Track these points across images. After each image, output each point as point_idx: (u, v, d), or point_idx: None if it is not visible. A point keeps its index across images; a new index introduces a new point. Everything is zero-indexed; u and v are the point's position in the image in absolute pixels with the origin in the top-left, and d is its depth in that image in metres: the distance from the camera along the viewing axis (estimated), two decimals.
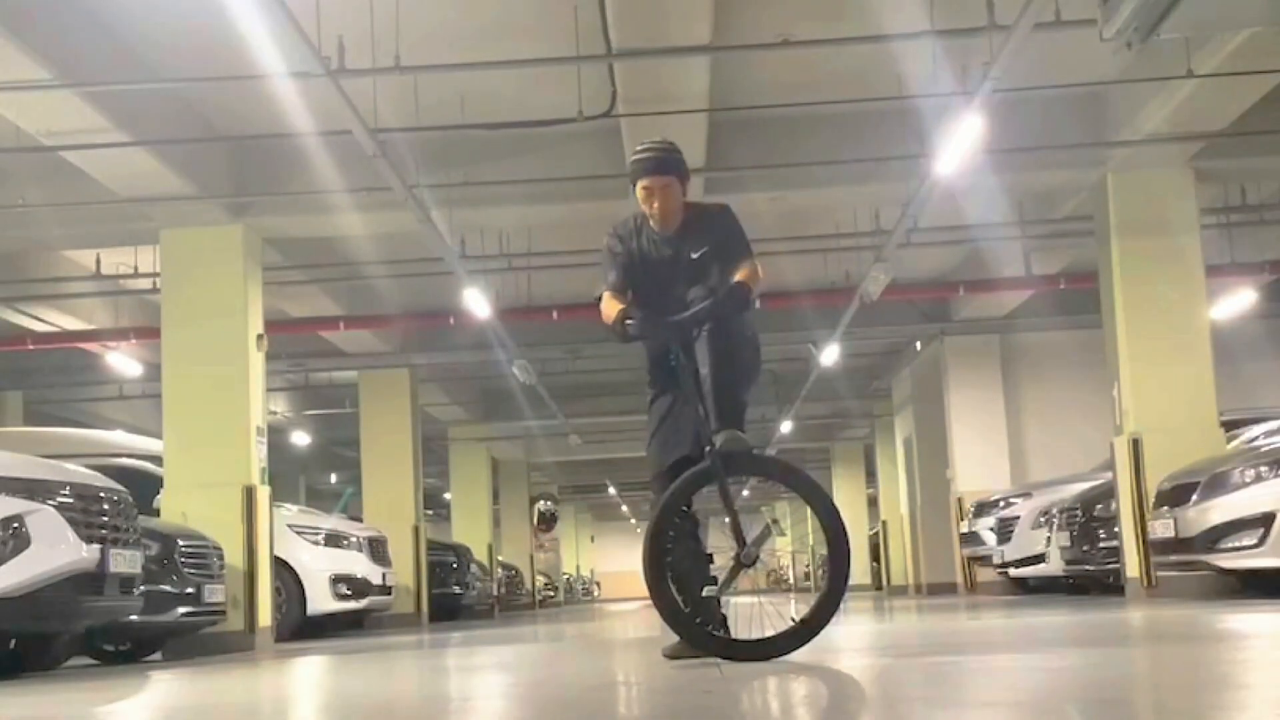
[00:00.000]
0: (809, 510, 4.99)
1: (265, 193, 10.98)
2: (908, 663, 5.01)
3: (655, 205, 5.28)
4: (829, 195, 11.65)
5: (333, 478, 32.22)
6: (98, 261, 13.56)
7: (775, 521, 5.18)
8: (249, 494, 10.60)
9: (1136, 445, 10.60)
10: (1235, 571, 8.69)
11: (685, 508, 5.12)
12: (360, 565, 12.79)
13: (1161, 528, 9.17)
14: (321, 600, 12.19)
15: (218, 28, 7.90)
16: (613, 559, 52.20)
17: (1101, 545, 11.42)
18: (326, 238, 12.69)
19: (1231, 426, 11.18)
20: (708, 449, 4.94)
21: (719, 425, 4.96)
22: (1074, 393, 15.97)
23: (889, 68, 9.55)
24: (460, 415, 22.85)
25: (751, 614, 5.15)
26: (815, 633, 4.88)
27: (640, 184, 5.32)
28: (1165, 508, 9.19)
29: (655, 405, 5.39)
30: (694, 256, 5.29)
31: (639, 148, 5.43)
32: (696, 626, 4.87)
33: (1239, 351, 13.97)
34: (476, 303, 12.55)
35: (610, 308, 5.22)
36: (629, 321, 5.09)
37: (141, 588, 7.74)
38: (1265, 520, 8.23)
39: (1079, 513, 11.92)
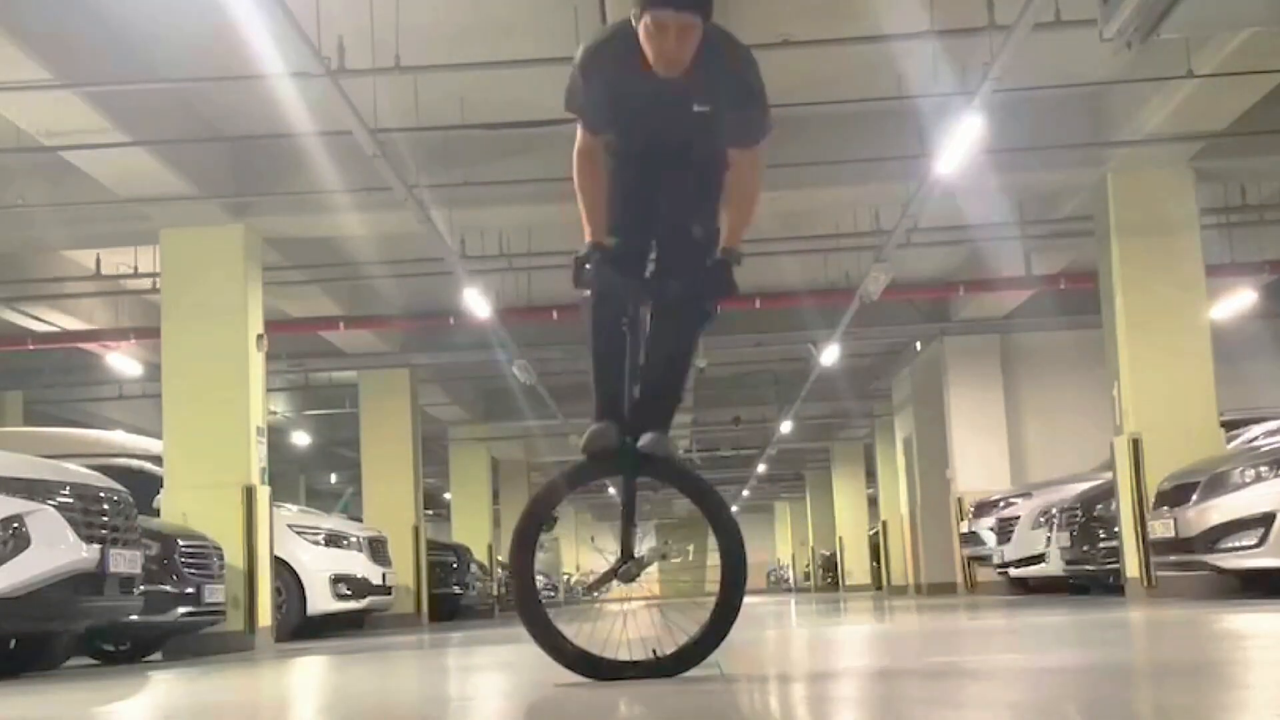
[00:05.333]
0: (712, 529, 4.39)
1: (265, 193, 10.98)
2: (907, 663, 5.01)
3: (666, 50, 3.98)
4: (829, 195, 11.65)
5: (333, 478, 32.21)
6: (98, 261, 13.56)
7: (667, 544, 4.61)
8: (249, 494, 10.60)
9: (1136, 445, 10.60)
10: (1235, 571, 8.69)
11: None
12: (360, 565, 12.79)
13: (1161, 528, 9.17)
14: (321, 600, 12.19)
15: (218, 28, 7.90)
16: (612, 559, 52.12)
17: (1101, 545, 11.42)
18: (326, 238, 12.69)
19: (1231, 426, 11.18)
20: (629, 441, 4.34)
21: (649, 423, 4.35)
22: (1074, 393, 15.97)
23: (889, 68, 9.55)
24: (460, 415, 22.85)
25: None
26: (701, 657, 4.34)
27: (649, 15, 3.94)
28: (1165, 508, 9.19)
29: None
30: (697, 109, 4.15)
31: None
32: (562, 640, 4.32)
33: (1239, 351, 13.97)
34: (476, 303, 12.55)
35: (587, 161, 4.30)
36: (588, 266, 4.25)
37: (141, 588, 7.74)
38: (1265, 520, 8.23)
39: (1079, 513, 11.92)
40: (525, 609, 4.33)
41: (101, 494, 7.29)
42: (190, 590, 8.90)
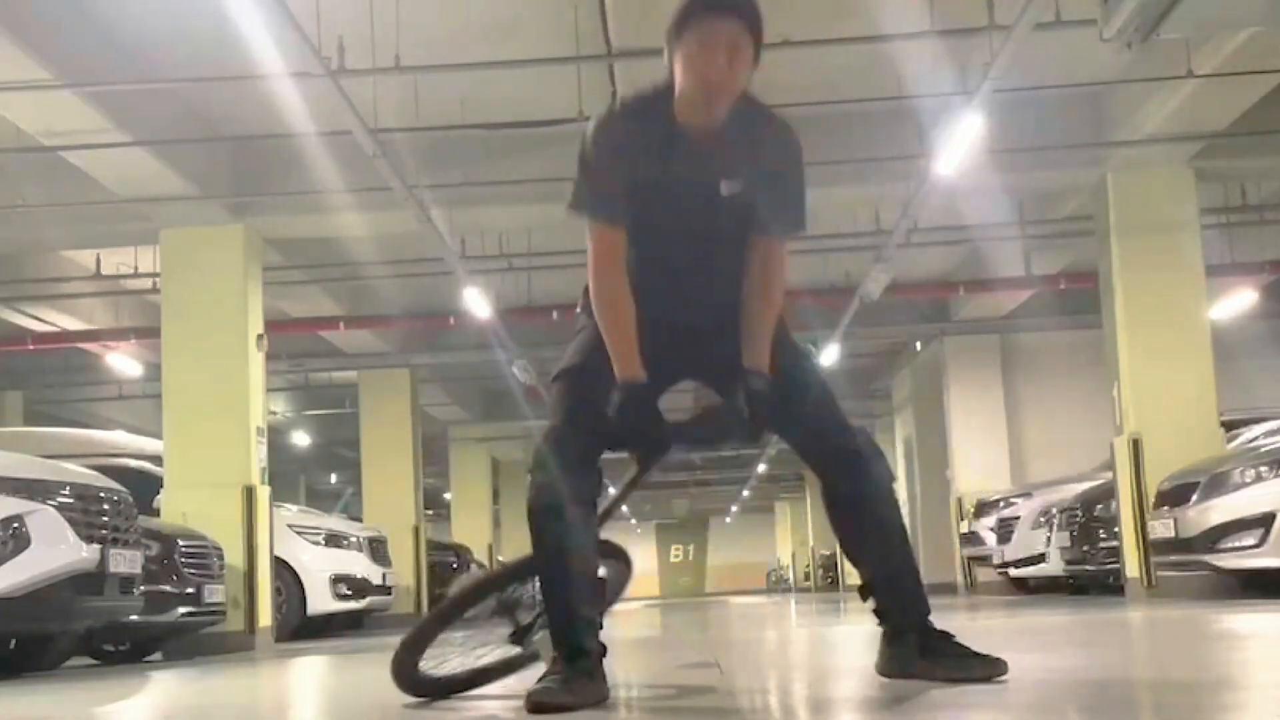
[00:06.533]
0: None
1: (265, 193, 10.98)
2: None
3: (715, 70, 3.25)
4: (828, 195, 11.64)
5: (333, 478, 32.23)
6: (98, 261, 13.56)
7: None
8: (249, 494, 10.60)
9: (1136, 445, 10.60)
10: (1235, 571, 8.69)
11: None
12: (360, 565, 12.79)
13: (1161, 528, 9.17)
14: (321, 600, 12.19)
15: (218, 28, 7.90)
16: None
17: (1101, 545, 11.42)
18: (326, 238, 12.69)
19: (1231, 426, 11.18)
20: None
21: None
22: (1074, 393, 15.98)
23: (889, 68, 9.55)
24: (460, 415, 22.85)
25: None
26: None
27: (698, 29, 3.23)
28: (1165, 508, 9.19)
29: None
30: (724, 191, 3.39)
31: None
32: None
33: (1239, 351, 13.98)
34: (476, 303, 12.56)
35: (613, 265, 3.42)
36: (618, 396, 3.51)
37: (141, 588, 7.74)
38: (1265, 520, 8.24)
39: (1079, 513, 11.92)
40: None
41: (101, 494, 7.29)
42: (190, 590, 8.91)
